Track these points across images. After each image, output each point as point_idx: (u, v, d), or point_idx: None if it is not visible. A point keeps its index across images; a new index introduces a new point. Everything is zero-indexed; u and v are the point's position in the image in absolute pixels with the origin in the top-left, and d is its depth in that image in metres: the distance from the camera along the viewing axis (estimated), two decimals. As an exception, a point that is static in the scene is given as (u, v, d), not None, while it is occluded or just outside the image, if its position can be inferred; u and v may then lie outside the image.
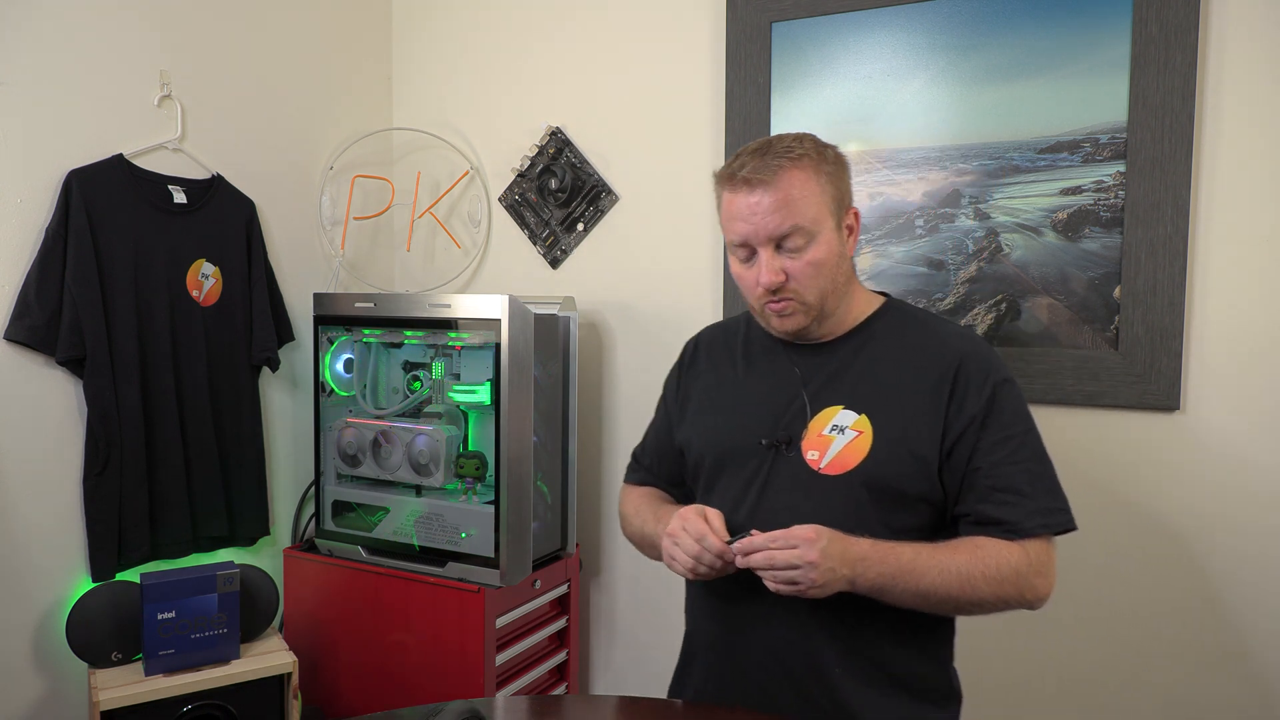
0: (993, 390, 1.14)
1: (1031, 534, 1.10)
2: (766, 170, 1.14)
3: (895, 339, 1.20)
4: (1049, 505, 1.12)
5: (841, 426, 1.16)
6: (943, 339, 1.19)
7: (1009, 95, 1.71)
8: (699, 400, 1.32)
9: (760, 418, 1.22)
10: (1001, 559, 1.08)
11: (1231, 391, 1.59)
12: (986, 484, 1.12)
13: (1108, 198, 1.64)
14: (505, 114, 2.28)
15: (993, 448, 1.12)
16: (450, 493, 1.91)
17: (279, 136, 2.13)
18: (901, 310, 1.25)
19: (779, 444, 1.19)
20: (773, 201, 1.13)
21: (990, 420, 1.13)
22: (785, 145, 1.16)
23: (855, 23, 1.83)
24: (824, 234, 1.15)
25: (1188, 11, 1.55)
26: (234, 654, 1.77)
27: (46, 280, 1.66)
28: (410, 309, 1.90)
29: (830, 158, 1.18)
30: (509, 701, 1.59)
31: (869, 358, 1.19)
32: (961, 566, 1.07)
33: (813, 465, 1.16)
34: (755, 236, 1.15)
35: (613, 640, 2.24)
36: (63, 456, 1.72)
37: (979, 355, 1.17)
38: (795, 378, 1.22)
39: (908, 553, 1.07)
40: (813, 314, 1.18)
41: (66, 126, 1.71)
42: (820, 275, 1.15)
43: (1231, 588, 1.60)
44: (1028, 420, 1.16)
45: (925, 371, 1.16)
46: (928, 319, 1.24)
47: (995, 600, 1.09)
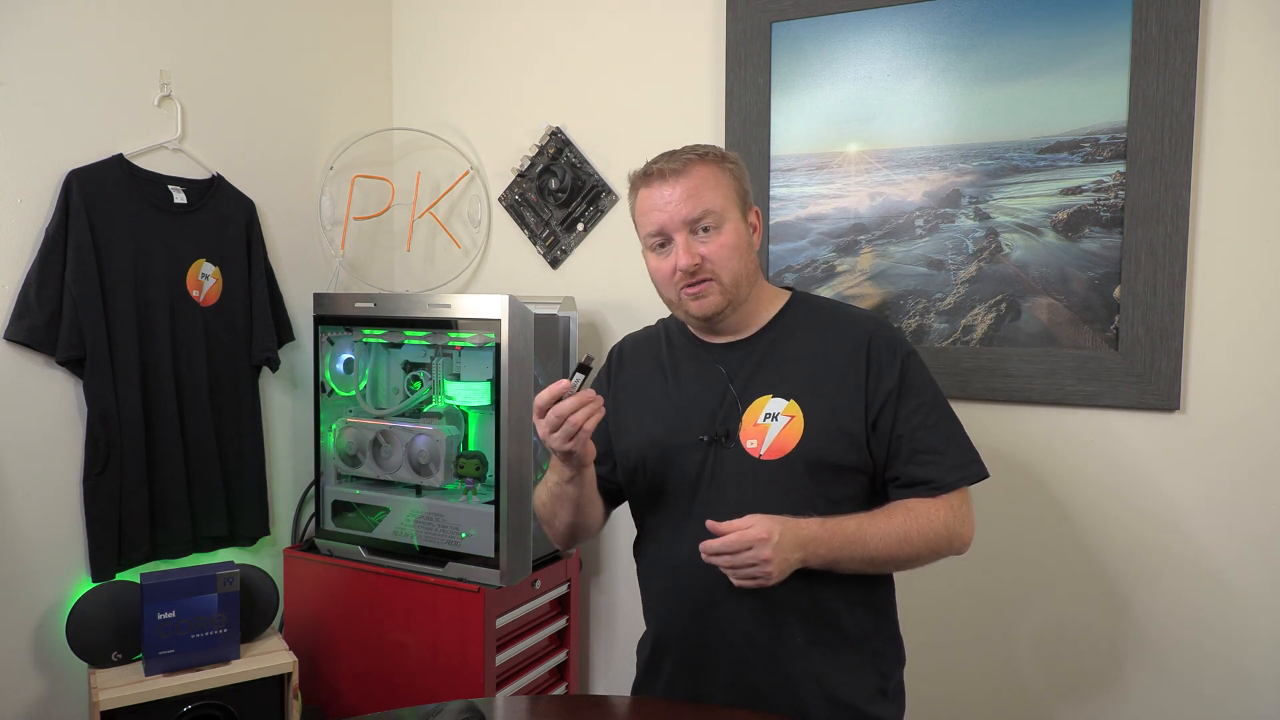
0: (902, 363, 1.24)
1: (953, 487, 1.21)
2: (677, 162, 1.24)
3: (807, 327, 1.29)
4: (963, 460, 1.23)
5: (774, 414, 1.24)
6: (849, 322, 1.29)
7: (1009, 95, 1.71)
8: (631, 407, 1.36)
9: (696, 416, 1.28)
10: (931, 516, 1.19)
11: (1231, 391, 1.59)
12: (909, 448, 1.22)
13: (1108, 198, 1.64)
14: (505, 114, 2.28)
15: (909, 415, 1.23)
16: (450, 493, 1.91)
17: (279, 136, 2.13)
18: (807, 301, 1.34)
19: (719, 438, 1.25)
20: (684, 190, 1.23)
21: (904, 390, 1.23)
22: (690, 147, 1.27)
23: (855, 23, 1.83)
24: (732, 222, 1.25)
25: (1188, 11, 1.55)
26: (234, 654, 1.77)
27: (46, 280, 1.66)
28: (410, 309, 1.90)
29: (731, 159, 1.29)
30: (509, 701, 1.58)
31: (786, 347, 1.28)
32: (898, 528, 1.18)
33: (753, 453, 1.23)
34: (670, 224, 1.23)
35: (613, 640, 2.24)
36: (63, 456, 1.72)
37: (884, 333, 1.27)
38: (721, 375, 1.28)
39: (851, 525, 1.17)
40: (728, 296, 1.24)
41: (66, 126, 1.71)
42: (733, 258, 1.23)
43: (1232, 587, 1.60)
44: (933, 385, 1.27)
45: (839, 353, 1.25)
46: (832, 305, 1.34)
47: (930, 553, 1.20)
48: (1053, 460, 1.72)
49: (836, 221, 1.87)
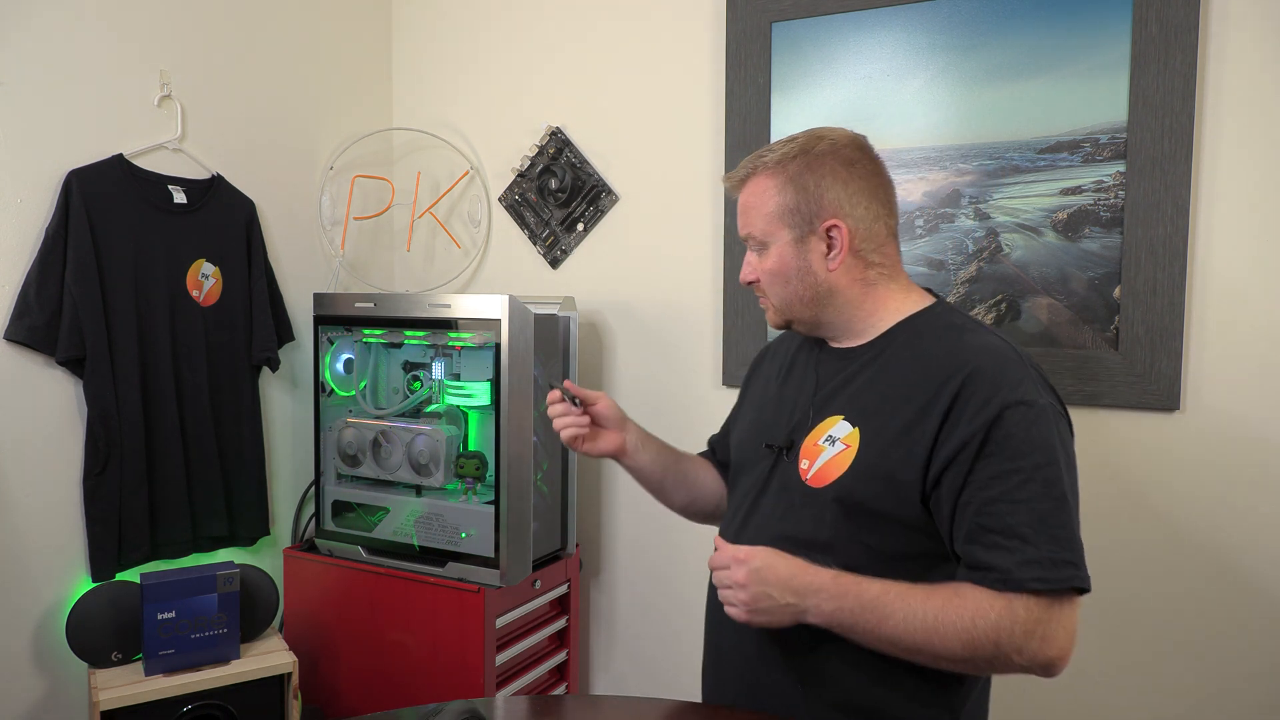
0: (998, 414, 0.97)
1: (1023, 587, 0.93)
2: (736, 176, 1.16)
3: (915, 348, 1.09)
4: (1052, 555, 0.93)
5: (834, 438, 1.09)
6: (959, 350, 1.04)
7: (1009, 95, 1.71)
8: (749, 400, 1.34)
9: (775, 422, 1.19)
10: (979, 612, 0.93)
11: (1231, 391, 1.59)
12: (977, 522, 0.97)
13: (1108, 198, 1.64)
14: (505, 114, 2.28)
15: (989, 481, 0.97)
16: (450, 493, 1.91)
17: (279, 136, 2.13)
18: (939, 316, 1.12)
19: (781, 450, 1.15)
20: (741, 204, 1.16)
21: (989, 448, 0.97)
22: (766, 150, 1.14)
23: (855, 23, 1.83)
24: (776, 246, 1.12)
25: (1188, 11, 1.55)
26: (234, 654, 1.77)
27: (46, 280, 1.66)
28: (410, 309, 1.90)
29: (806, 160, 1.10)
30: (509, 701, 1.58)
31: (882, 367, 1.10)
32: (931, 613, 0.95)
33: (802, 474, 1.11)
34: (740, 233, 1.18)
35: (613, 640, 2.24)
36: (63, 456, 1.72)
37: (994, 371, 1.00)
38: (812, 382, 1.18)
39: (873, 589, 0.96)
40: (782, 315, 1.17)
41: (66, 126, 1.71)
42: (774, 284, 1.14)
43: (1232, 588, 1.60)
44: (1048, 453, 0.97)
45: (927, 385, 1.03)
46: (956, 327, 1.09)
47: (969, 657, 0.94)
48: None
49: (836, 221, 1.87)
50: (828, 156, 1.10)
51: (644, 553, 2.17)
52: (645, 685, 2.17)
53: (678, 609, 2.13)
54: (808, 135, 1.13)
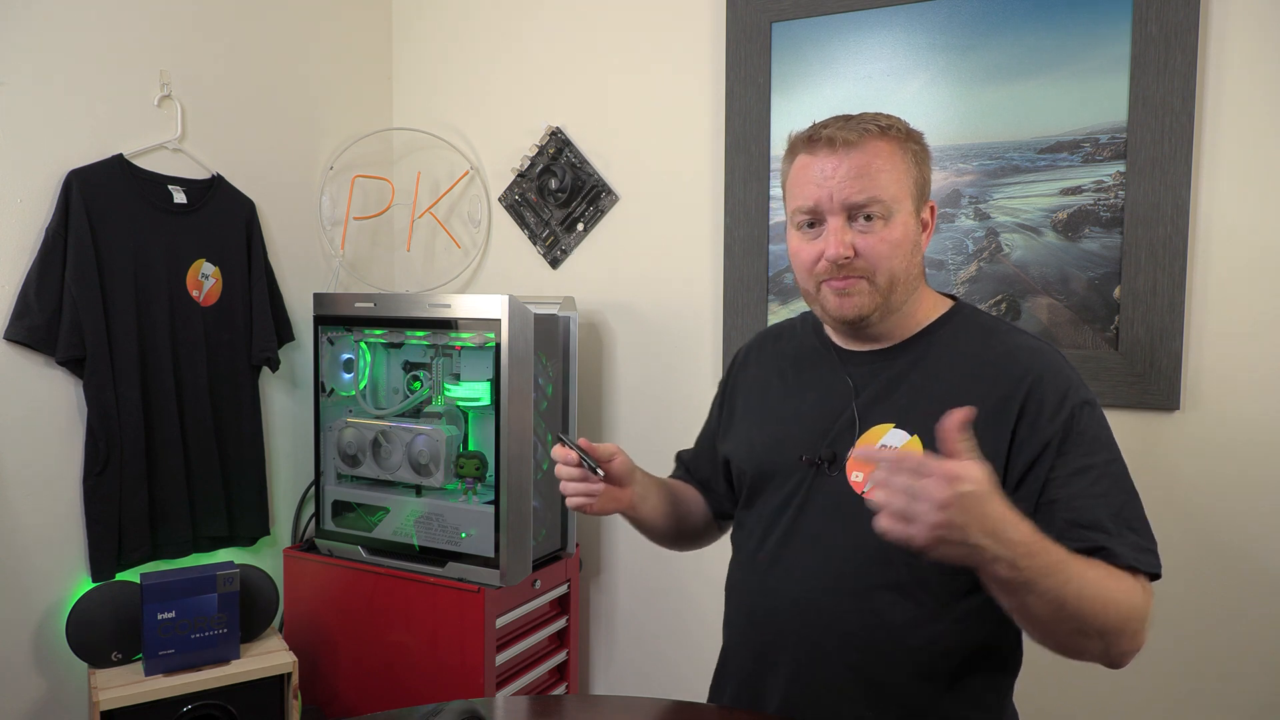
0: (1071, 413, 0.99)
1: (1129, 568, 0.94)
2: (853, 132, 1.03)
3: (960, 350, 1.07)
4: (1138, 543, 0.95)
5: (891, 447, 1.03)
6: (1013, 352, 1.04)
7: (1009, 95, 1.71)
8: (744, 409, 1.24)
9: (806, 432, 1.11)
10: (1130, 590, 0.92)
11: (1231, 391, 1.59)
12: (1065, 519, 0.95)
13: (1108, 198, 1.64)
14: (505, 114, 2.28)
15: (1070, 478, 0.97)
16: (450, 493, 1.91)
17: (279, 136, 2.13)
18: (970, 317, 1.11)
19: (821, 462, 1.08)
20: (854, 167, 1.02)
21: (1067, 446, 0.98)
22: (874, 116, 1.06)
23: (855, 23, 1.83)
24: (902, 214, 1.04)
25: (1188, 11, 1.55)
26: (234, 654, 1.77)
27: (46, 280, 1.66)
28: (410, 309, 1.90)
29: (919, 140, 1.08)
30: (509, 701, 1.58)
31: (929, 370, 1.06)
32: (1103, 584, 0.89)
33: (856, 488, 1.04)
34: (828, 202, 1.03)
35: (613, 640, 2.24)
36: (63, 456, 1.72)
37: (1054, 373, 1.01)
38: (847, 389, 1.10)
39: (1058, 552, 0.87)
40: (878, 298, 1.05)
41: (66, 126, 1.71)
42: (894, 257, 1.03)
43: (1232, 588, 1.60)
44: (1111, 448, 1.00)
45: (990, 389, 1.01)
46: (999, 327, 1.10)
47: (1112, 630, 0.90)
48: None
49: (836, 221, 1.87)
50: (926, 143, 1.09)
51: (644, 553, 2.17)
52: (645, 685, 2.17)
53: (678, 609, 2.13)
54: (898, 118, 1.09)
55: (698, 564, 2.08)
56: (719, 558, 2.05)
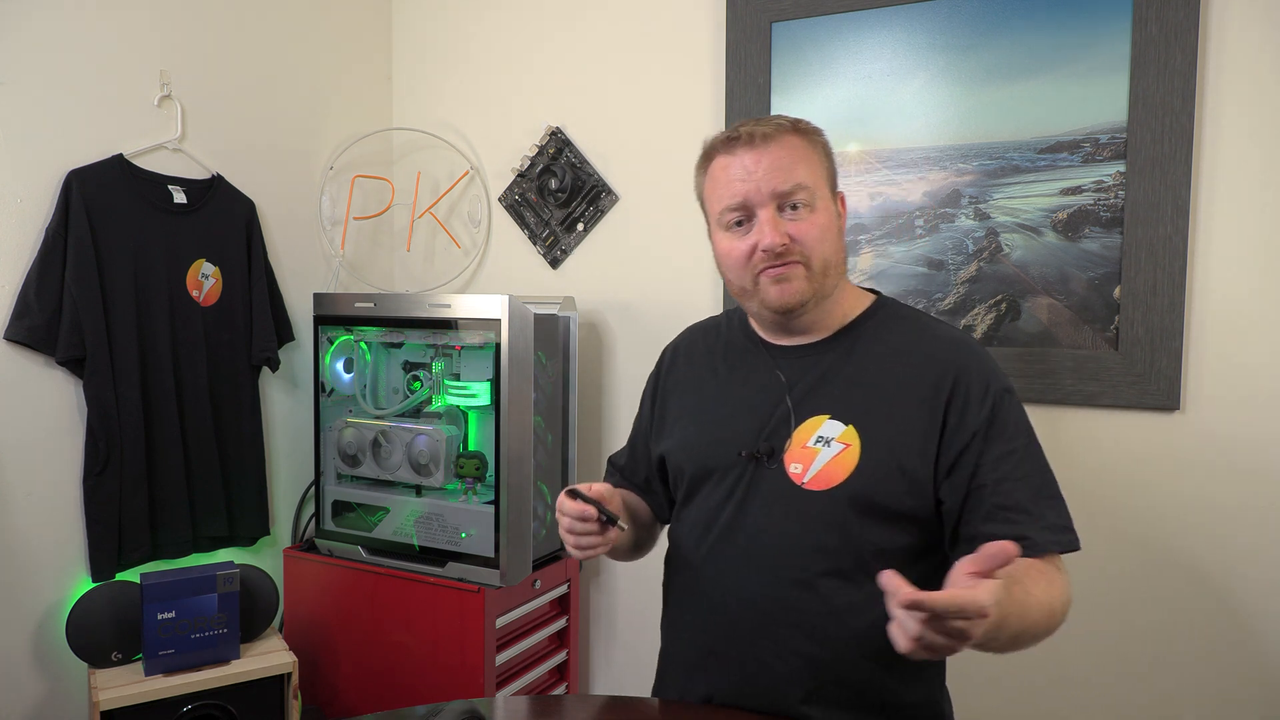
0: (994, 401, 1.05)
1: (1046, 551, 1.01)
2: (768, 127, 1.09)
3: (885, 341, 1.12)
4: (1056, 522, 1.03)
5: (827, 438, 1.07)
6: (938, 343, 1.11)
7: (1009, 95, 1.71)
8: (677, 409, 1.25)
9: (741, 427, 1.14)
10: (1062, 582, 0.99)
11: (1231, 391, 1.59)
12: (993, 502, 1.02)
13: (1108, 198, 1.64)
14: (505, 114, 2.28)
15: (996, 463, 1.03)
16: (450, 493, 1.91)
17: (279, 136, 2.13)
18: (893, 310, 1.17)
19: (759, 456, 1.11)
20: (775, 159, 1.07)
21: (993, 433, 1.04)
22: (780, 115, 1.14)
23: (855, 23, 1.83)
24: (824, 201, 1.10)
25: (1188, 11, 1.55)
26: (234, 654, 1.77)
27: (46, 280, 1.66)
28: (410, 309, 1.90)
29: (823, 136, 1.15)
30: (509, 701, 1.58)
31: (857, 362, 1.11)
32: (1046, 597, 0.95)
33: (795, 479, 1.08)
34: (756, 195, 1.07)
35: (613, 640, 2.24)
36: (63, 456, 1.72)
37: (979, 363, 1.08)
38: (779, 383, 1.13)
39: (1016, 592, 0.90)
40: (814, 284, 1.08)
41: (66, 126, 1.71)
42: (824, 241, 1.08)
43: (1232, 588, 1.60)
44: (1029, 432, 1.08)
45: (920, 379, 1.07)
46: (922, 320, 1.16)
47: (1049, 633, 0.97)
48: (1052, 460, 1.70)
49: (836, 221, 1.87)
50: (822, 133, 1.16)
51: (644, 553, 2.17)
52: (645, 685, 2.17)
53: (678, 609, 2.13)
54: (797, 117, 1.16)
55: (698, 564, 2.08)
56: (719, 558, 2.05)
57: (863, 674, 1.06)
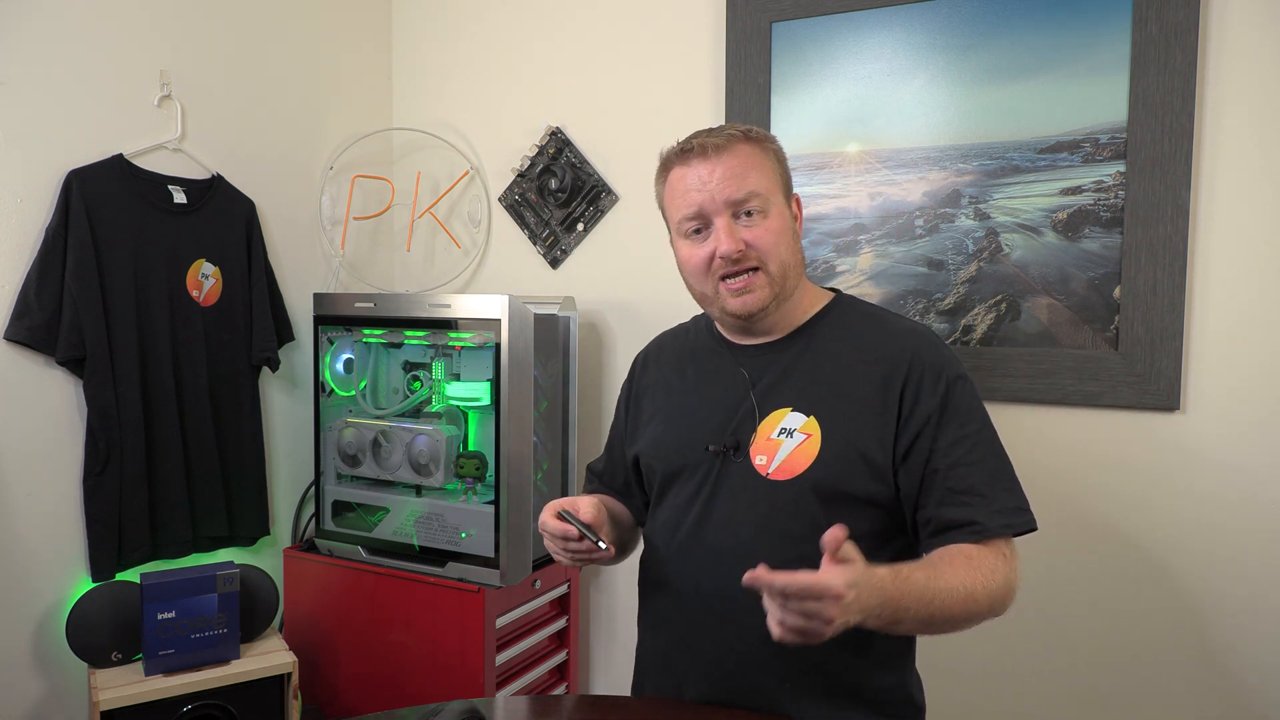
0: (947, 387, 1.10)
1: (996, 534, 1.05)
2: (718, 138, 1.13)
3: (842, 336, 1.17)
4: (1010, 504, 1.07)
5: (790, 430, 1.12)
6: (892, 334, 1.15)
7: (1009, 95, 1.71)
8: (649, 410, 1.29)
9: (709, 424, 1.18)
10: (994, 568, 1.03)
11: (1231, 391, 1.59)
12: (946, 486, 1.07)
13: (1108, 198, 1.64)
14: (505, 114, 2.28)
15: (950, 448, 1.08)
16: (450, 493, 1.91)
17: (279, 136, 2.13)
18: (850, 306, 1.22)
19: (726, 450, 1.15)
20: (728, 168, 1.11)
21: (946, 419, 1.08)
22: (730, 125, 1.17)
23: (855, 23, 1.83)
24: (777, 206, 1.14)
25: (1188, 11, 1.55)
26: (234, 654, 1.77)
27: (46, 280, 1.66)
28: (410, 309, 1.90)
29: (775, 143, 1.18)
30: (509, 701, 1.58)
31: (816, 356, 1.16)
32: (963, 584, 1.00)
33: (760, 470, 1.12)
34: (711, 205, 1.11)
35: (613, 640, 2.24)
36: (63, 456, 1.72)
37: (931, 351, 1.12)
38: (743, 380, 1.18)
39: (919, 578, 0.97)
40: (774, 288, 1.13)
41: (66, 126, 1.71)
42: (780, 245, 1.12)
43: (1231, 588, 1.60)
44: (983, 417, 1.11)
45: (874, 369, 1.12)
46: (877, 313, 1.21)
47: (987, 613, 1.03)
48: (1052, 460, 1.72)
49: (836, 221, 1.87)
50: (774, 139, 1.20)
51: (644, 553, 2.17)
52: (645, 685, 2.17)
53: (678, 609, 2.13)
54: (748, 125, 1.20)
55: (698, 564, 2.08)
56: (719, 558, 2.05)
57: (834, 660, 1.09)
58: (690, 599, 1.15)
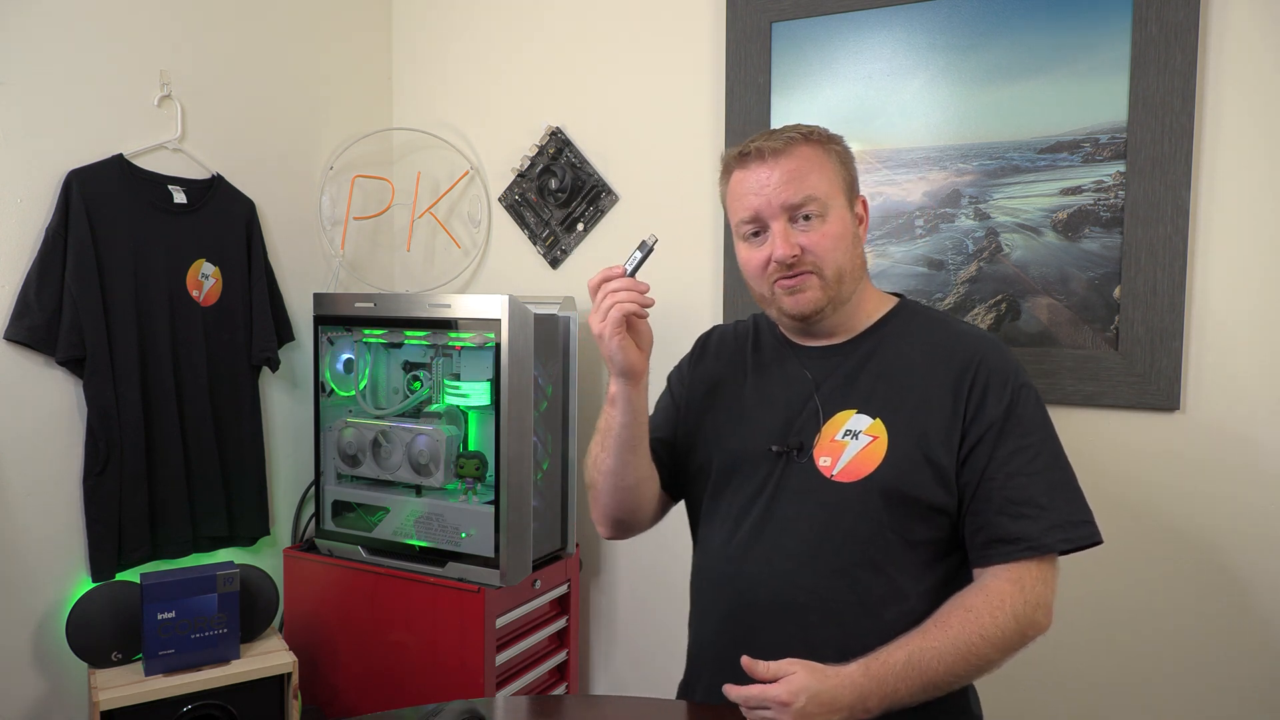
0: (1013, 395, 1.08)
1: (1050, 549, 1.04)
2: (777, 141, 1.12)
3: (910, 339, 1.16)
4: (1069, 517, 1.05)
5: (855, 431, 1.11)
6: (960, 338, 1.14)
7: (1009, 95, 1.71)
8: (706, 402, 1.27)
9: (771, 423, 1.17)
10: (996, 610, 1.01)
11: (1231, 391, 1.59)
12: (1002, 496, 1.05)
13: (1108, 198, 1.64)
14: (505, 114, 2.28)
15: (1009, 457, 1.06)
16: (450, 493, 1.91)
17: (279, 136, 2.13)
18: (915, 310, 1.21)
19: (789, 450, 1.14)
20: (786, 173, 1.10)
21: (1009, 428, 1.07)
22: (793, 126, 1.15)
23: (855, 23, 1.83)
24: (838, 209, 1.12)
25: (1188, 11, 1.55)
26: (234, 654, 1.77)
27: (46, 280, 1.66)
28: (410, 309, 1.90)
29: (838, 141, 1.17)
30: (509, 701, 1.58)
31: (883, 359, 1.15)
32: (958, 639, 1.00)
33: (824, 472, 1.11)
34: (768, 208, 1.11)
35: (613, 640, 2.24)
36: (63, 456, 1.72)
37: (999, 357, 1.11)
38: (807, 381, 1.17)
39: (899, 656, 0.99)
40: (829, 292, 1.12)
41: (66, 126, 1.71)
42: (837, 250, 1.11)
43: (1231, 588, 1.60)
44: (1046, 426, 1.10)
45: (942, 373, 1.11)
46: (943, 318, 1.21)
47: (1003, 655, 1.02)
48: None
49: (836, 221, 1.87)
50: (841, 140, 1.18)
51: (644, 553, 2.17)
52: (645, 685, 2.17)
53: (678, 608, 2.12)
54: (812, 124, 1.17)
55: (698, 564, 2.08)
56: (719, 558, 2.05)
57: None
58: (749, 599, 1.13)
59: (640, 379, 1.16)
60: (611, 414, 1.17)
